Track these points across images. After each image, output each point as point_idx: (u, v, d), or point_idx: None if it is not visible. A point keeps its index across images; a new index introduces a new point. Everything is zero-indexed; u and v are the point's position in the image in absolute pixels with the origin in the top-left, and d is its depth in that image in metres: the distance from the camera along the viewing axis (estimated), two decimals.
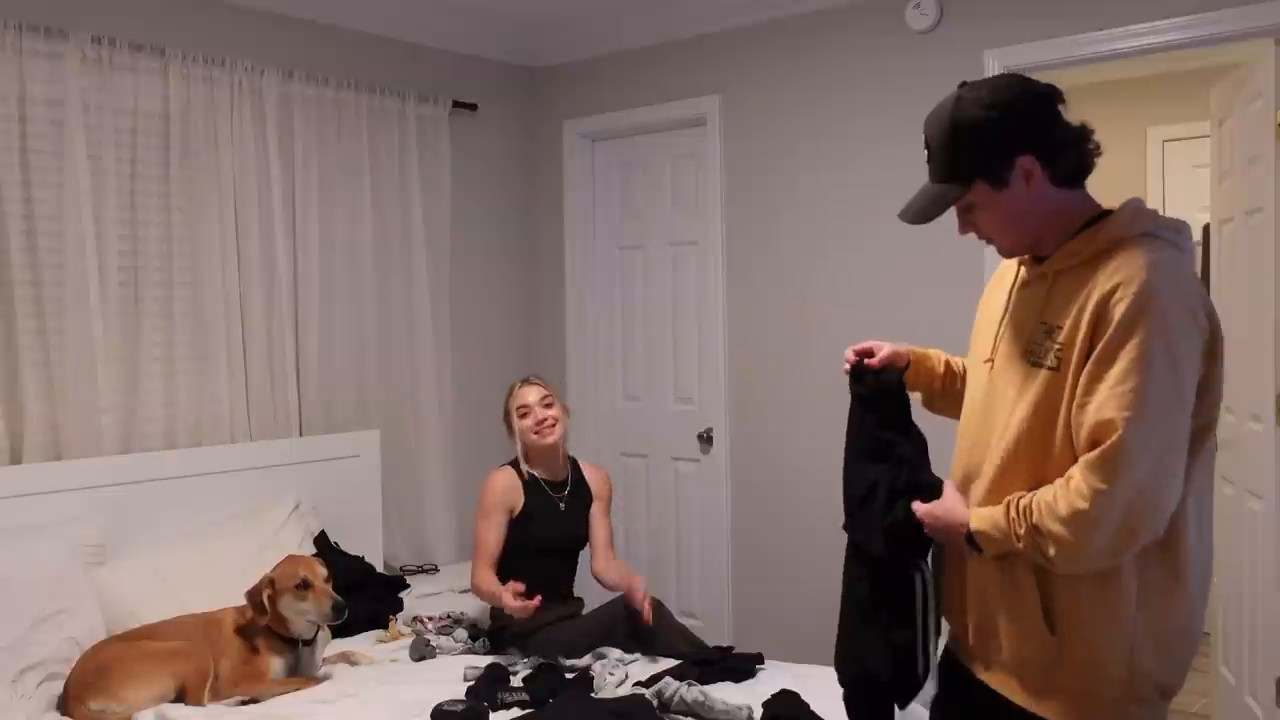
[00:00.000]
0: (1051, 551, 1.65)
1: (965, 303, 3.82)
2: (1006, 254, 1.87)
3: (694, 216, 4.62)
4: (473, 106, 4.72)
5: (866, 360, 2.03)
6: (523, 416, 3.59)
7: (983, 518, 1.75)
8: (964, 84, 1.81)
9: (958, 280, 3.83)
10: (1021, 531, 1.68)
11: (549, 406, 3.61)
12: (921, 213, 1.81)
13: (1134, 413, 1.58)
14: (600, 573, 3.63)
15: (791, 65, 4.25)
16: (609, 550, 3.67)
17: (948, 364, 2.15)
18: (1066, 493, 1.63)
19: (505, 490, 3.56)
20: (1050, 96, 1.76)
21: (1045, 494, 1.67)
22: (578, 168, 4.92)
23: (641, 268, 4.84)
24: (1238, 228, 3.72)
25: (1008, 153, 1.73)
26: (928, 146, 1.82)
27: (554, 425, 3.59)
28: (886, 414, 1.99)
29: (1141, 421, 1.59)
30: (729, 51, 4.41)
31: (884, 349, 2.04)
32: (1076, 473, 1.63)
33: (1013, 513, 1.70)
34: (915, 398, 2.11)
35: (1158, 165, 5.41)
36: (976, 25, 3.78)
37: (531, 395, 3.61)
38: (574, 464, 3.74)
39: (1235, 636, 3.75)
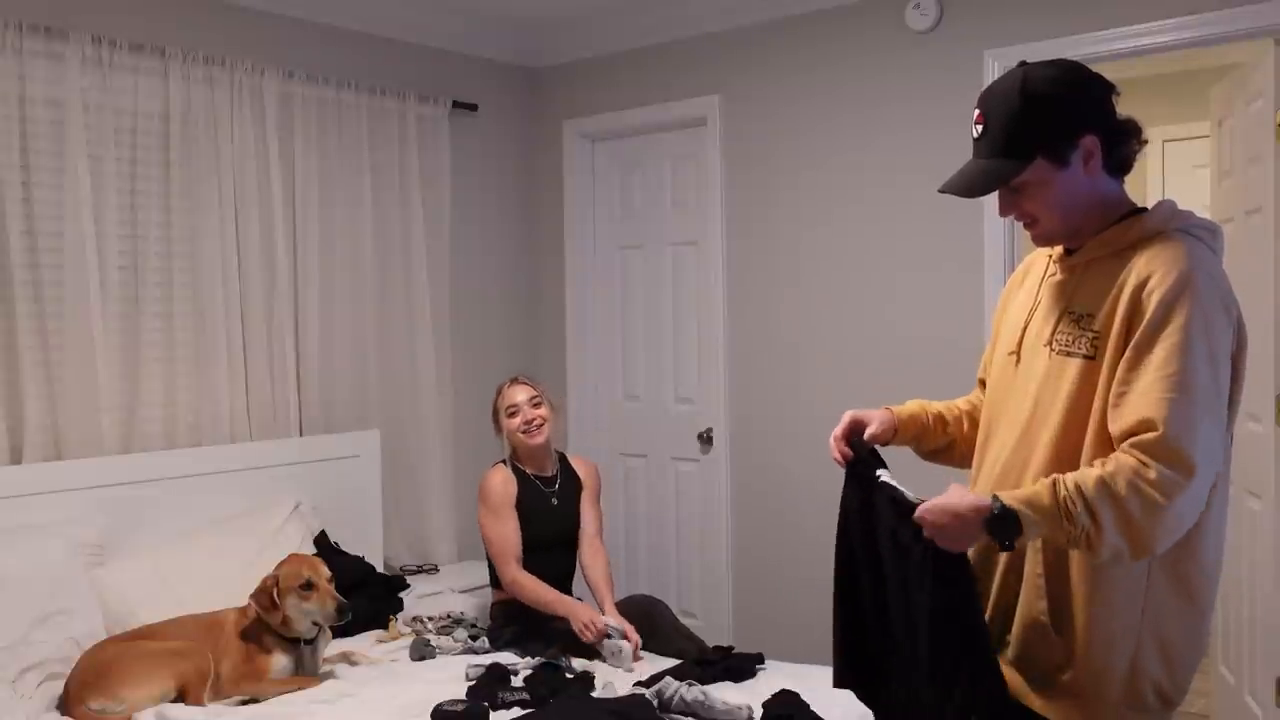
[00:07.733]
0: (1114, 539, 1.56)
1: (967, 302, 3.85)
2: (1045, 239, 1.82)
3: (694, 216, 4.62)
4: (473, 106, 4.71)
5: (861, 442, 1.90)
6: (511, 416, 3.62)
7: (1020, 498, 1.60)
8: (1023, 63, 1.79)
9: (959, 280, 3.83)
10: (1077, 510, 1.56)
11: (537, 406, 3.63)
12: (971, 187, 1.75)
13: (1178, 395, 1.58)
14: (587, 565, 3.62)
15: (791, 65, 4.25)
16: (596, 539, 3.67)
17: (935, 414, 2.06)
18: (1128, 476, 1.55)
19: (506, 483, 3.59)
20: (1111, 86, 1.79)
21: (1096, 475, 1.57)
22: (578, 168, 4.92)
23: (641, 268, 4.84)
24: (1238, 228, 3.72)
25: (1075, 130, 1.73)
26: (983, 122, 1.76)
27: (541, 425, 3.62)
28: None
29: (1188, 405, 1.59)
30: (729, 51, 4.41)
31: (871, 423, 1.91)
32: (1134, 455, 1.57)
33: (1063, 491, 1.58)
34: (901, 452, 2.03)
35: (1158, 165, 5.40)
36: (976, 25, 3.78)
37: (520, 395, 3.64)
38: (562, 458, 3.77)
39: (1235, 636, 3.75)
